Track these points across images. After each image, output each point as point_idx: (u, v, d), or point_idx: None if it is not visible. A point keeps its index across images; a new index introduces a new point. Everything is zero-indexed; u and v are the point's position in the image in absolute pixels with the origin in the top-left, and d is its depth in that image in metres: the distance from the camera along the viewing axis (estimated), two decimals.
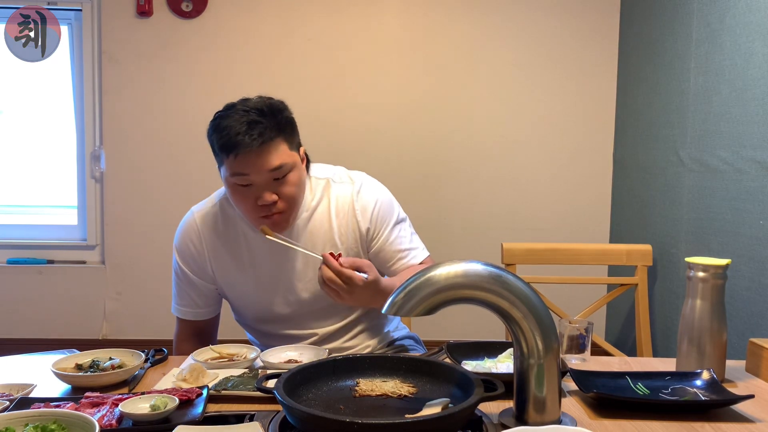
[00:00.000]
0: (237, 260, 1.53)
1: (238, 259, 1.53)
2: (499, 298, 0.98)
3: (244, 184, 1.39)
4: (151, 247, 2.98)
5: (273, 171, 1.38)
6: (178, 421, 1.03)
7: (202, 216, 1.55)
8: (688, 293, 1.28)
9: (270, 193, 1.38)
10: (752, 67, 1.96)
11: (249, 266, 1.53)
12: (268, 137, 1.36)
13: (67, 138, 3.05)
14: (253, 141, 1.34)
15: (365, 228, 1.52)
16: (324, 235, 1.51)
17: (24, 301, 2.99)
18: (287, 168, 1.40)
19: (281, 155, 1.39)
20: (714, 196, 2.16)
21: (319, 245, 1.51)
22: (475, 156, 2.99)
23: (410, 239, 1.58)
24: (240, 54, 2.93)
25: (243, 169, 1.37)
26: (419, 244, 1.60)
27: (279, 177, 1.39)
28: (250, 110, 1.38)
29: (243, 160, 1.36)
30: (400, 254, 1.54)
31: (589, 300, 2.28)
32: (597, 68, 2.97)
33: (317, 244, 1.51)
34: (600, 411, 1.13)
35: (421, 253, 1.57)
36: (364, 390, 1.11)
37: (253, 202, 1.40)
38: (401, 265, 1.54)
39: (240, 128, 1.35)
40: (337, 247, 1.51)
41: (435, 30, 2.95)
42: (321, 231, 1.51)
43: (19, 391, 1.18)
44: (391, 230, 1.54)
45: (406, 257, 1.54)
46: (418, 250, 1.57)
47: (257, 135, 1.35)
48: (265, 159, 1.36)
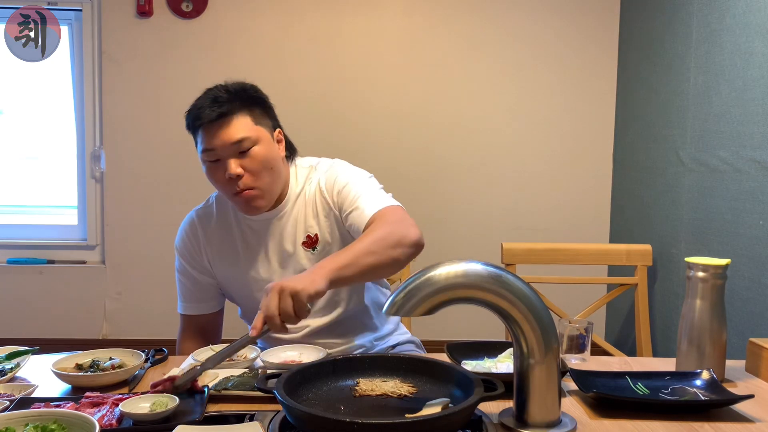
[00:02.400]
0: (231, 253, 1.57)
1: (232, 251, 1.57)
2: (499, 298, 0.99)
3: (213, 159, 1.44)
4: (151, 247, 2.98)
5: (235, 144, 1.42)
6: (178, 421, 1.03)
7: (199, 214, 1.62)
8: (688, 293, 1.28)
9: (235, 165, 1.42)
10: (752, 67, 1.96)
11: (241, 258, 1.56)
12: (228, 110, 1.43)
13: (67, 138, 3.05)
14: (212, 112, 1.41)
15: (332, 201, 1.51)
16: (304, 221, 1.54)
17: (24, 301, 2.99)
18: (251, 141, 1.44)
19: (243, 128, 1.44)
20: (714, 196, 2.16)
21: (300, 231, 1.53)
22: (475, 156, 2.99)
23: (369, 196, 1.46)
24: (240, 54, 2.93)
25: (208, 142, 1.43)
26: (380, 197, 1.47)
27: (243, 150, 1.43)
28: (218, 88, 1.47)
29: (207, 133, 1.43)
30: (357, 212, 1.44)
31: (589, 300, 2.28)
32: (597, 68, 2.97)
33: (299, 230, 1.53)
34: (600, 411, 1.13)
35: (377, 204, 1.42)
36: (364, 390, 1.11)
37: (223, 178, 1.44)
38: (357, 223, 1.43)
39: (204, 103, 1.44)
40: (313, 230, 1.53)
41: (435, 29, 2.95)
42: (301, 217, 1.54)
43: (20, 391, 1.18)
44: (353, 193, 1.47)
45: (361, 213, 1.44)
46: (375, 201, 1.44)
47: (217, 107, 1.42)
48: (225, 131, 1.42)
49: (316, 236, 1.51)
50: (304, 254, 1.53)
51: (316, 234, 1.52)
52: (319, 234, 1.52)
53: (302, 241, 1.53)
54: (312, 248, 1.53)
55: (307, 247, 1.53)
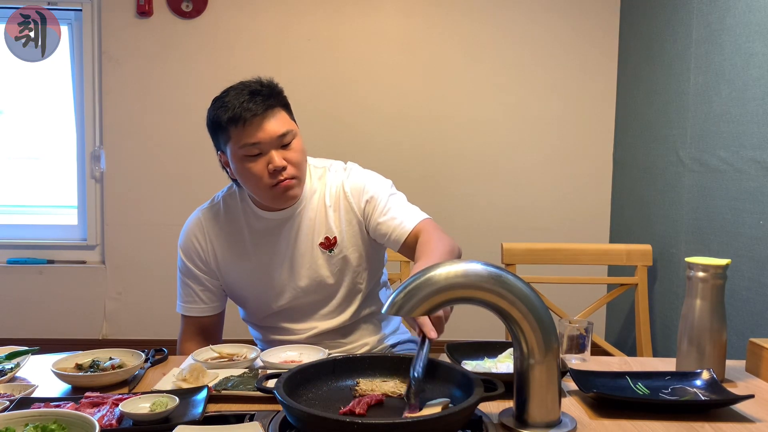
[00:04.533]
0: (239, 253, 1.56)
1: (241, 251, 1.56)
2: (499, 298, 0.98)
3: (254, 153, 1.43)
4: (151, 247, 2.98)
5: (280, 137, 1.43)
6: (178, 421, 1.03)
7: (205, 214, 1.60)
8: (688, 293, 1.28)
9: (280, 157, 1.43)
10: (752, 67, 1.96)
11: (251, 257, 1.56)
12: (271, 104, 1.44)
13: (67, 138, 3.06)
14: (258, 107, 1.41)
15: (359, 208, 1.54)
16: (320, 223, 1.54)
17: (24, 301, 2.99)
18: (292, 135, 1.46)
19: (285, 122, 1.46)
20: (714, 196, 2.16)
21: (318, 232, 1.54)
22: (475, 156, 2.99)
23: (403, 208, 1.53)
24: (240, 54, 2.93)
25: (252, 136, 1.42)
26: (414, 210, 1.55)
27: (286, 143, 1.45)
28: (249, 83, 1.46)
29: (251, 127, 1.41)
30: (395, 223, 1.50)
31: (589, 300, 2.28)
32: (597, 68, 2.97)
33: (317, 230, 1.54)
34: (600, 411, 1.13)
35: (415, 218, 1.51)
36: (364, 390, 1.11)
37: (263, 171, 1.43)
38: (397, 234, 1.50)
39: (243, 98, 1.42)
40: (332, 232, 1.53)
41: (435, 30, 2.95)
42: (318, 217, 1.54)
43: (20, 391, 1.18)
44: (383, 203, 1.53)
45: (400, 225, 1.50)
46: (412, 215, 1.52)
47: (261, 101, 1.42)
48: (271, 124, 1.43)
49: (335, 238, 1.52)
50: (320, 254, 1.53)
51: (335, 236, 1.52)
52: (338, 237, 1.53)
53: (320, 242, 1.53)
54: (329, 249, 1.53)
55: (325, 248, 1.53)
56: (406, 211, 1.52)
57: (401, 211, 1.52)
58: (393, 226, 1.49)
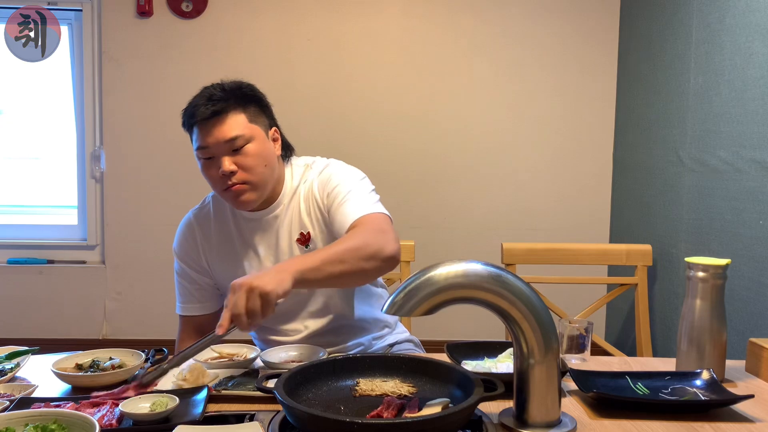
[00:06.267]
0: (229, 252, 1.58)
1: (230, 250, 1.58)
2: (499, 298, 0.99)
3: (207, 156, 1.46)
4: (151, 247, 2.98)
5: (228, 141, 1.43)
6: (178, 421, 1.03)
7: (196, 215, 1.63)
8: (688, 293, 1.28)
9: (229, 162, 1.44)
10: (752, 67, 1.96)
11: (239, 257, 1.57)
12: (222, 108, 1.44)
13: (67, 138, 3.05)
14: (206, 110, 1.43)
15: (322, 201, 1.52)
16: (296, 220, 1.55)
17: (24, 301, 2.99)
18: (244, 139, 1.45)
19: (237, 126, 1.45)
20: (714, 196, 2.16)
21: (295, 228, 1.54)
22: (475, 156, 2.99)
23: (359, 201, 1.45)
24: (240, 54, 2.93)
25: (202, 140, 1.44)
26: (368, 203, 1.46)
27: (237, 148, 1.44)
28: (213, 87, 1.48)
29: (201, 131, 1.44)
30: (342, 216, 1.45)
31: (589, 300, 2.28)
32: (597, 68, 2.97)
33: (294, 227, 1.54)
34: (600, 411, 1.13)
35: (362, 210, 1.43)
36: (364, 390, 1.11)
37: (216, 175, 1.45)
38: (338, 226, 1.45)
39: (199, 101, 1.45)
40: (306, 228, 1.54)
41: (435, 29, 2.95)
42: (296, 214, 1.55)
43: (20, 391, 1.18)
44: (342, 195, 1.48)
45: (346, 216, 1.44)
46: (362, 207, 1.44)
47: (211, 105, 1.43)
48: (220, 129, 1.43)
49: (309, 234, 1.53)
50: (298, 251, 1.54)
51: (309, 232, 1.53)
52: (312, 232, 1.54)
53: (297, 238, 1.54)
54: (305, 245, 1.54)
55: (301, 243, 1.54)
56: (356, 204, 1.45)
57: (353, 203, 1.45)
58: (339, 219, 1.45)
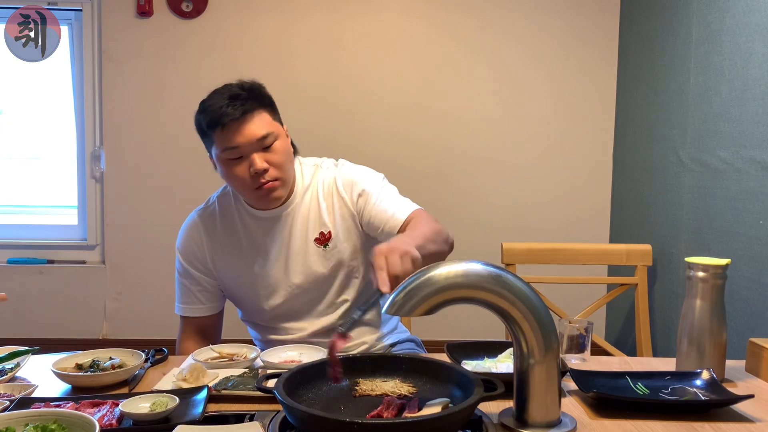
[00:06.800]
0: (235, 252, 1.58)
1: (237, 251, 1.57)
2: (499, 298, 0.99)
3: (235, 157, 1.45)
4: (151, 247, 2.98)
5: (260, 140, 1.44)
6: (178, 421, 1.03)
7: (201, 215, 1.62)
8: (688, 293, 1.28)
9: (261, 160, 1.44)
10: (752, 67, 1.96)
11: (246, 257, 1.57)
12: (250, 107, 1.44)
13: (67, 138, 3.05)
14: (235, 111, 1.42)
15: (352, 202, 1.55)
16: (313, 219, 1.56)
17: (24, 301, 2.99)
18: (273, 137, 1.47)
19: (266, 124, 1.46)
20: (714, 196, 2.16)
21: (312, 227, 1.55)
22: (475, 156, 2.99)
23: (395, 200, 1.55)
24: (240, 54, 2.93)
25: (231, 141, 1.43)
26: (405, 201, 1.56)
27: (267, 146, 1.46)
28: (231, 87, 1.48)
29: (230, 132, 1.43)
30: (387, 215, 1.51)
31: (589, 300, 2.28)
32: (597, 68, 2.97)
33: (311, 227, 1.55)
34: (600, 411, 1.13)
35: (407, 208, 1.52)
36: (364, 390, 1.11)
37: (246, 174, 1.45)
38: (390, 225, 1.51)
39: (222, 102, 1.43)
40: (327, 227, 1.55)
41: (435, 30, 2.95)
42: (312, 213, 1.56)
43: (20, 391, 1.18)
44: (375, 195, 1.54)
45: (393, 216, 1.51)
46: (404, 206, 1.53)
47: (239, 105, 1.43)
48: (250, 128, 1.44)
49: (330, 234, 1.54)
50: (315, 250, 1.54)
51: (330, 231, 1.54)
52: (333, 231, 1.54)
53: (314, 238, 1.54)
54: (324, 245, 1.54)
55: (320, 243, 1.54)
56: (398, 203, 1.53)
57: (393, 202, 1.53)
58: (386, 218, 1.50)
